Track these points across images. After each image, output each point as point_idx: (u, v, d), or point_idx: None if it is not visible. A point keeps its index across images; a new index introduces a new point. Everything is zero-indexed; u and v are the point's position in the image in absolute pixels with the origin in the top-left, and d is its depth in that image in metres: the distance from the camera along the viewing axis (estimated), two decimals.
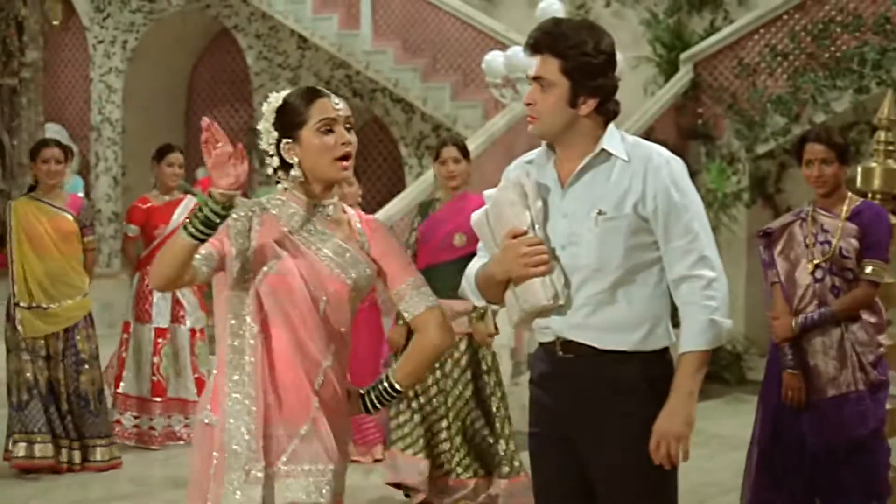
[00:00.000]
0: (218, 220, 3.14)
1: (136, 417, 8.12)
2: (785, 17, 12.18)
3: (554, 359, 3.48)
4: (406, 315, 3.48)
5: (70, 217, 7.33)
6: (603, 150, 3.40)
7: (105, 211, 16.85)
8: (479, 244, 3.64)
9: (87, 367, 7.28)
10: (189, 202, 8.32)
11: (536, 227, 3.39)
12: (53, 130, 16.17)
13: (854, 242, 5.19)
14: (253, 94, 16.23)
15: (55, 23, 17.11)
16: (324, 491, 3.30)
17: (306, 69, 15.66)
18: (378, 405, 3.48)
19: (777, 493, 5.34)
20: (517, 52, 9.20)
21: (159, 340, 8.13)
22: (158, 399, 8.10)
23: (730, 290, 3.43)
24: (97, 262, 7.52)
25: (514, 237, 3.38)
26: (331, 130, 3.35)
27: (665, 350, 3.44)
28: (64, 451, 7.25)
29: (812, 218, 5.33)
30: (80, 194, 15.07)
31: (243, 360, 3.30)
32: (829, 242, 5.22)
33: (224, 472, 3.27)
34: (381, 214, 10.91)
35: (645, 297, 3.39)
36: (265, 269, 3.30)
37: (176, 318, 8.21)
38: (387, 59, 14.51)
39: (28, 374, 7.20)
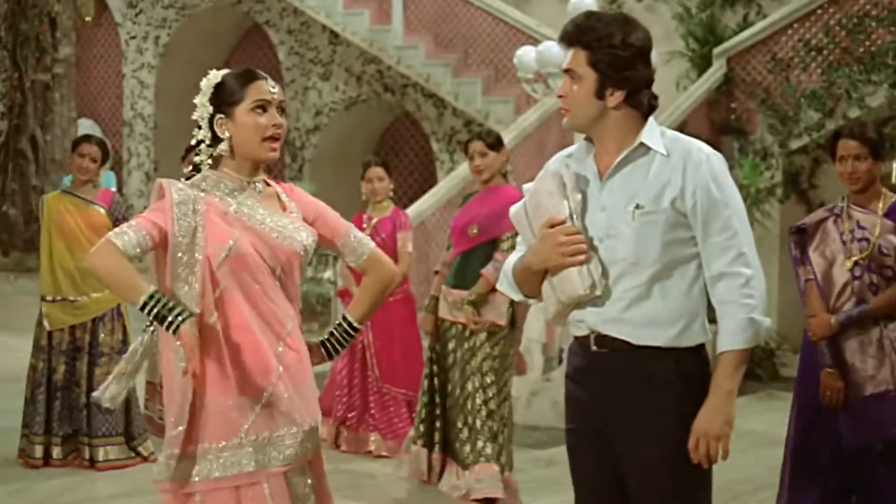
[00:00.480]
0: (167, 329, 3.33)
1: (159, 408, 8.14)
2: (819, 11, 12.09)
3: (588, 353, 3.47)
4: (353, 262, 3.69)
5: (101, 210, 7.33)
6: (641, 143, 3.39)
7: (137, 206, 16.89)
8: (518, 238, 3.63)
9: (103, 360, 7.25)
10: None
11: (575, 217, 3.38)
12: (86, 126, 16.26)
13: (893, 239, 5.11)
14: (284, 90, 16.22)
15: (87, 19, 17.22)
16: (287, 454, 3.47)
17: (338, 64, 15.68)
18: (339, 348, 3.68)
19: (812, 492, 5.27)
20: (549, 46, 9.17)
21: None
22: None
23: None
24: None
25: (552, 226, 3.37)
26: (264, 111, 3.50)
27: (700, 347, 3.41)
28: (84, 448, 7.25)
29: (847, 214, 5.25)
30: (113, 189, 15.16)
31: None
32: (867, 239, 5.13)
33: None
34: (413, 210, 10.90)
35: (681, 292, 3.37)
36: (224, 252, 3.41)
37: None
38: (418, 55, 14.51)
39: (38, 371, 7.23)
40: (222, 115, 3.50)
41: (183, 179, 3.51)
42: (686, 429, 3.31)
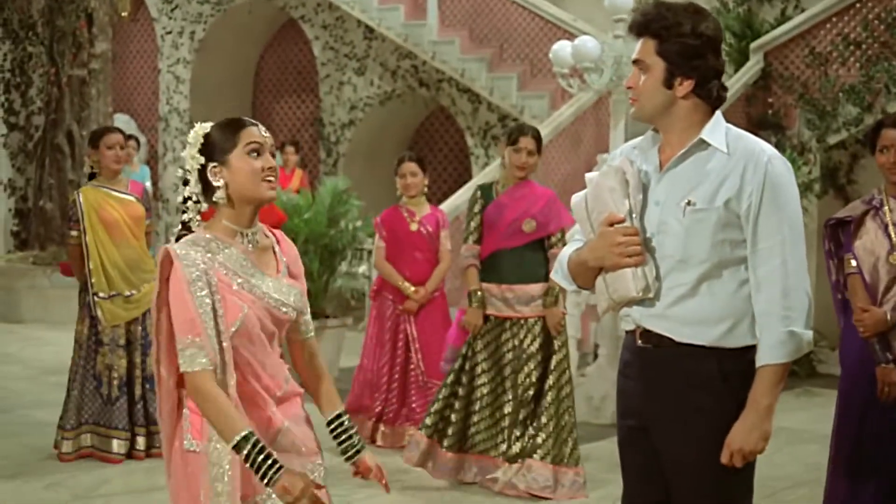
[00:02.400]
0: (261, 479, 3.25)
1: None
2: (857, 5, 11.96)
3: (634, 348, 3.45)
4: (299, 336, 3.63)
5: (138, 202, 7.37)
6: (702, 139, 3.33)
7: (173, 200, 16.98)
8: (575, 227, 3.60)
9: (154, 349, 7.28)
10: None
11: (634, 216, 3.35)
12: (122, 121, 16.34)
13: None
14: (319, 85, 16.26)
15: (124, 14, 17.22)
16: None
17: (372, 59, 15.67)
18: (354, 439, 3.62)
19: (860, 490, 5.17)
20: (585, 41, 9.12)
21: None
22: None
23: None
24: (154, 245, 7.55)
25: (611, 224, 3.34)
26: (258, 154, 3.43)
27: (748, 349, 3.33)
28: (140, 438, 7.28)
29: (888, 207, 5.18)
30: (148, 184, 15.21)
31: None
32: None
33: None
34: (447, 205, 10.88)
35: (729, 293, 3.31)
36: (234, 326, 3.36)
37: None
38: (453, 50, 14.48)
39: (81, 367, 7.26)
40: (216, 164, 3.40)
41: (183, 242, 3.42)
42: (726, 429, 3.26)
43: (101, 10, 14.44)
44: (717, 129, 3.35)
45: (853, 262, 5.18)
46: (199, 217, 3.46)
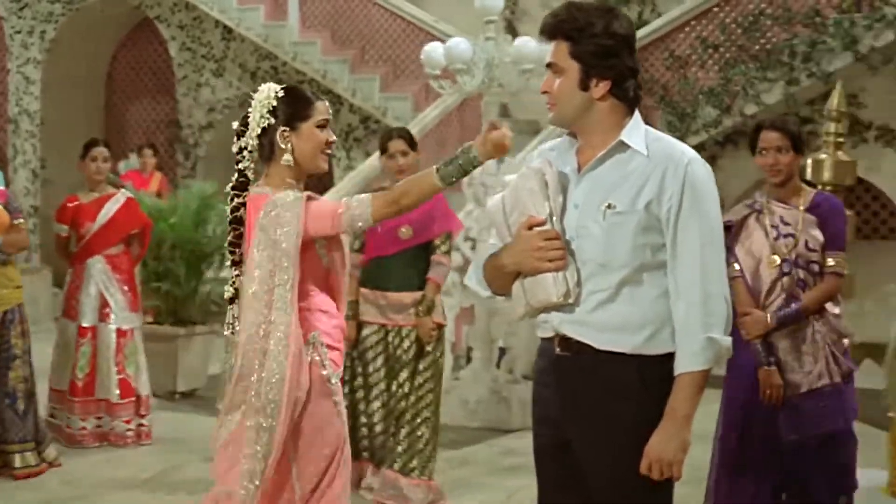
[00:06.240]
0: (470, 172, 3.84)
1: (67, 416, 7.91)
2: (715, 9, 12.24)
3: (552, 356, 3.36)
4: None
5: (4, 208, 7.08)
6: (621, 141, 3.28)
7: (24, 205, 16.46)
8: (493, 232, 3.50)
9: (18, 363, 7.00)
10: (120, 197, 8.07)
11: (554, 219, 3.26)
12: None
13: (817, 234, 5.11)
14: (176, 86, 15.95)
15: None
16: None
17: (231, 60, 15.44)
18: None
19: (743, 491, 5.23)
20: (458, 43, 9.10)
21: (80, 339, 7.90)
22: (76, 399, 7.88)
23: None
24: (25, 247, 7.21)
25: (531, 228, 3.25)
26: (324, 129, 4.01)
27: (669, 356, 3.26)
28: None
29: (769, 210, 5.24)
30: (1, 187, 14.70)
31: None
32: (792, 235, 5.13)
33: None
34: None
35: (651, 298, 3.25)
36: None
37: (102, 317, 7.96)
38: (314, 51, 14.36)
39: None
40: (287, 129, 3.93)
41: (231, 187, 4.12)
42: (647, 438, 3.22)
43: None
44: (637, 131, 3.31)
45: (736, 266, 5.22)
46: (252, 166, 4.01)
